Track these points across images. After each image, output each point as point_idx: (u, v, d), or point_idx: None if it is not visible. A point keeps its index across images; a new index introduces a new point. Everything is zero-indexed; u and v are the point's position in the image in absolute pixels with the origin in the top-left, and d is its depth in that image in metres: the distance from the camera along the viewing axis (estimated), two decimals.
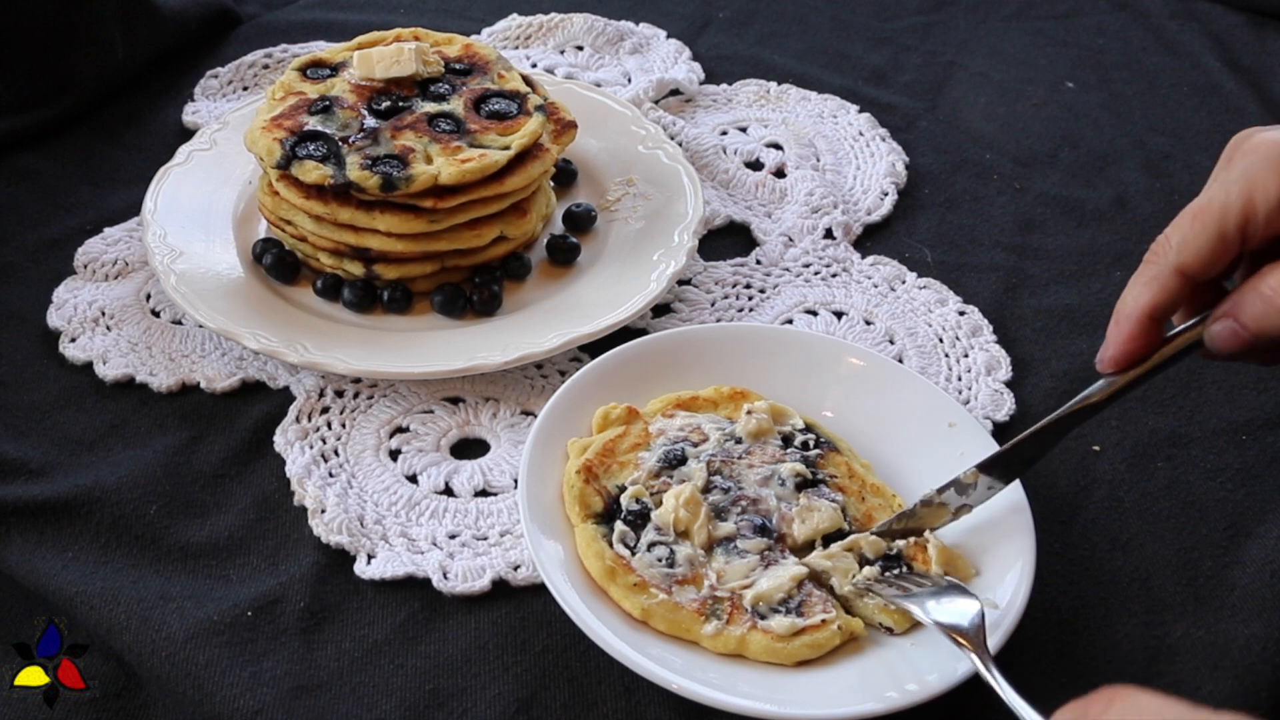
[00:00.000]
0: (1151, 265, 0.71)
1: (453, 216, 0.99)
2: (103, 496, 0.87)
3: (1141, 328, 0.72)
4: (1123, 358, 0.73)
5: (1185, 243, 0.69)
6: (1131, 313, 0.72)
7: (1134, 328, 0.72)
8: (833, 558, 0.81)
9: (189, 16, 1.33)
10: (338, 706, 0.77)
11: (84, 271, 1.06)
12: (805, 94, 1.32)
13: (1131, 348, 0.72)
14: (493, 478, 0.91)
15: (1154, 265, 0.71)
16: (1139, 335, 0.72)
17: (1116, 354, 0.73)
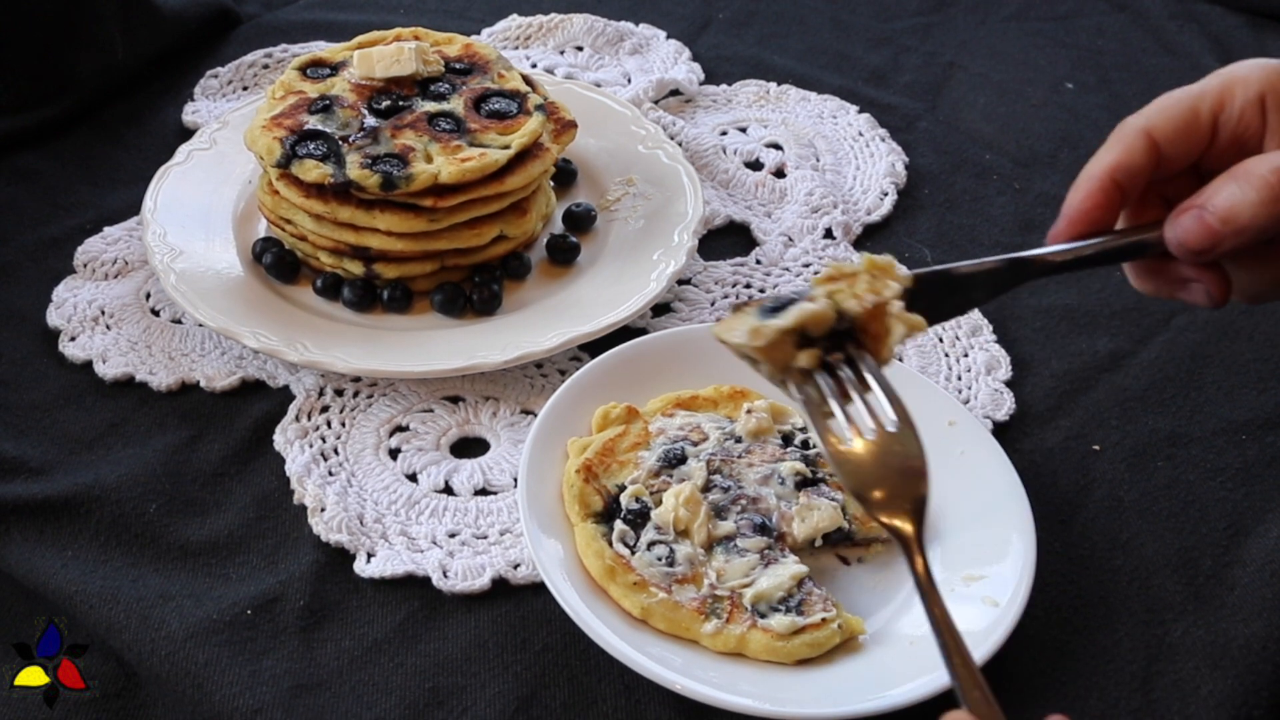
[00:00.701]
0: (1117, 131, 0.67)
1: (453, 216, 0.99)
2: (102, 495, 0.87)
3: (1102, 187, 0.67)
4: (1079, 218, 0.67)
5: (1157, 110, 0.66)
6: (1094, 172, 0.67)
7: (1095, 186, 0.67)
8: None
9: (189, 16, 1.33)
10: (337, 705, 0.77)
11: (84, 270, 1.06)
12: (805, 94, 1.32)
13: (1090, 207, 0.67)
14: (492, 476, 0.91)
15: (1120, 129, 0.67)
16: (1099, 195, 0.67)
17: (1074, 214, 0.68)
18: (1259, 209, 0.60)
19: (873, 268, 0.67)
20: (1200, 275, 0.65)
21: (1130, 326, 1.06)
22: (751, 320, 0.65)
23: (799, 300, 0.66)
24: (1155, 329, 1.06)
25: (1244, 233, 0.61)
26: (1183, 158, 0.66)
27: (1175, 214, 0.64)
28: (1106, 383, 1.01)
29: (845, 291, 0.66)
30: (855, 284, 0.66)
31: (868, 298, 0.66)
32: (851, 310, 0.66)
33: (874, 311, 0.66)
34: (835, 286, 0.66)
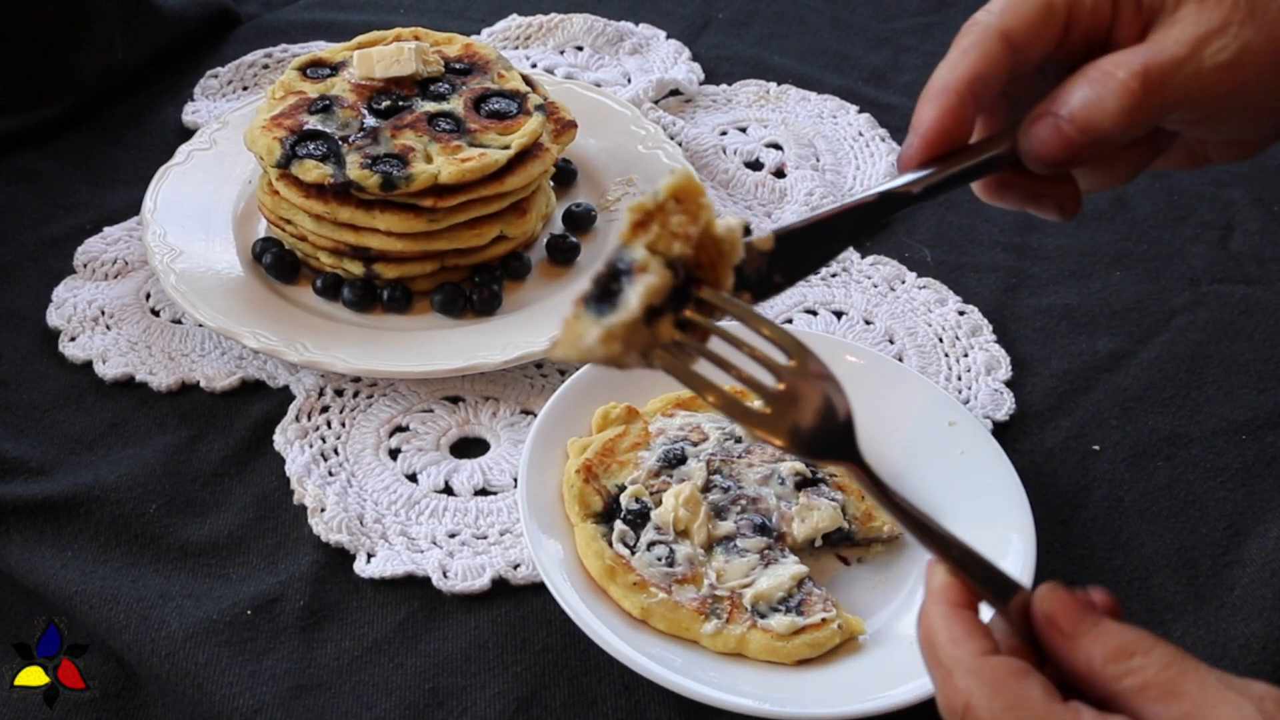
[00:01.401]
0: (970, 33, 0.60)
1: (453, 216, 0.99)
2: (102, 495, 0.87)
3: (960, 100, 0.59)
4: (935, 138, 0.60)
5: (1009, 6, 0.59)
6: (950, 83, 0.59)
7: (952, 100, 0.59)
8: None
9: (189, 16, 1.33)
10: (337, 705, 0.77)
11: (84, 271, 1.06)
12: (805, 94, 1.32)
13: (947, 124, 0.59)
14: (492, 477, 0.91)
15: (973, 31, 0.59)
16: (956, 109, 0.59)
17: (930, 133, 0.59)
18: (1119, 117, 0.56)
19: (677, 193, 0.58)
20: (1052, 188, 0.60)
21: (1130, 326, 1.06)
22: (591, 325, 0.55)
23: (626, 273, 0.56)
24: (1155, 329, 1.06)
25: (1103, 142, 0.57)
26: (1038, 57, 0.60)
27: (1028, 123, 0.58)
28: (1106, 383, 1.01)
29: (663, 234, 0.57)
30: (668, 221, 0.57)
31: (690, 231, 0.57)
32: (683, 255, 0.57)
33: (700, 241, 0.58)
34: (650, 234, 0.56)
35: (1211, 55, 0.56)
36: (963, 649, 0.51)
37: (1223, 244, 1.15)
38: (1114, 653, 0.51)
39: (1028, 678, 0.50)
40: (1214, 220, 1.18)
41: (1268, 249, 1.15)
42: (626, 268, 0.55)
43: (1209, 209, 1.20)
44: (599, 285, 0.56)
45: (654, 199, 0.57)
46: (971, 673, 0.51)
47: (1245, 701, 0.48)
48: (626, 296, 0.54)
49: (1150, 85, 0.56)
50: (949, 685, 0.51)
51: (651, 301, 0.55)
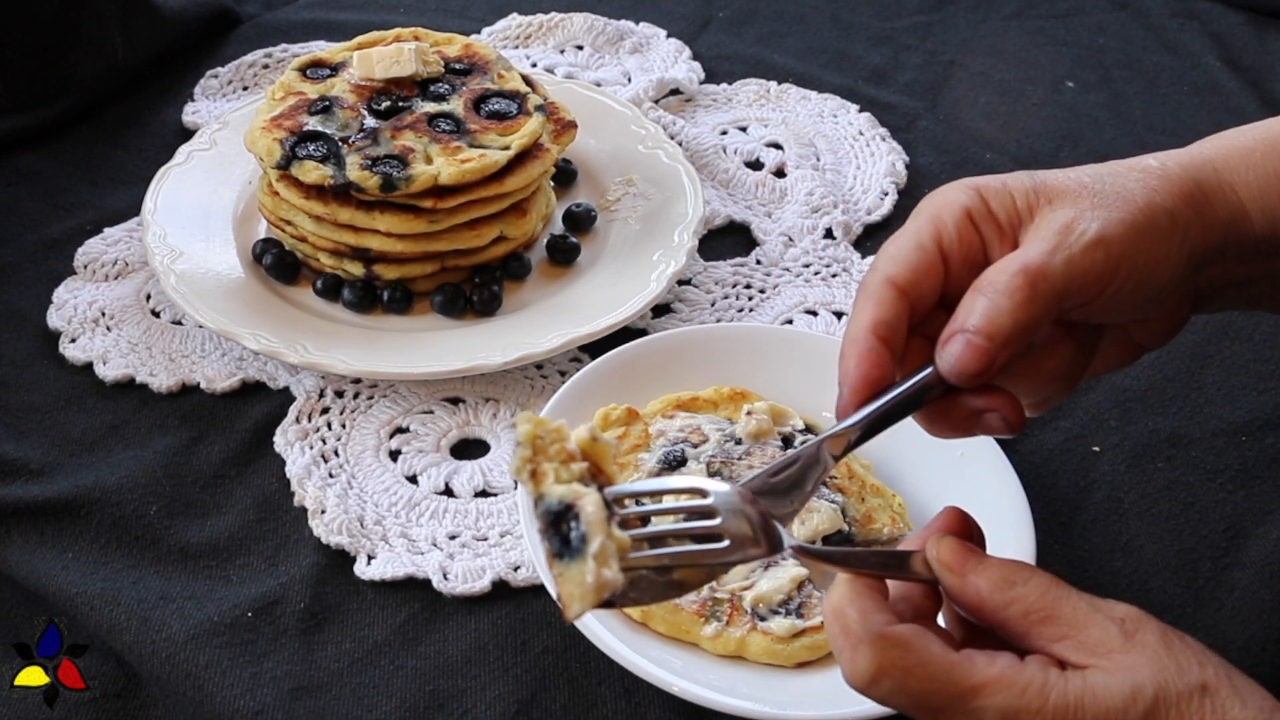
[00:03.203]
0: (864, 289, 0.66)
1: (453, 216, 0.99)
2: (103, 497, 0.87)
3: (871, 348, 0.64)
4: (861, 385, 0.64)
5: (888, 259, 0.65)
6: (857, 336, 0.64)
7: (863, 348, 0.64)
8: None
9: (189, 16, 1.32)
10: (337, 707, 0.77)
11: (84, 272, 1.06)
12: (805, 94, 1.32)
13: (867, 371, 0.64)
14: (493, 478, 0.91)
15: (865, 287, 0.66)
16: (870, 356, 0.64)
17: (854, 383, 0.64)
18: (1016, 313, 0.61)
19: (534, 435, 0.59)
20: (989, 403, 0.63)
21: None
22: (580, 568, 0.56)
23: (563, 514, 0.57)
24: None
25: (1010, 341, 0.61)
26: (930, 294, 0.65)
27: (940, 345, 0.63)
28: (1106, 383, 1.01)
29: (558, 468, 0.59)
30: (548, 456, 0.59)
31: (569, 450, 0.60)
32: (582, 472, 0.59)
33: (584, 454, 0.61)
34: (549, 474, 0.58)
35: (1077, 239, 0.62)
36: (872, 621, 0.57)
37: None
38: (997, 584, 0.58)
39: (927, 637, 0.57)
40: None
41: None
42: (561, 509, 0.57)
43: None
44: (555, 535, 0.57)
45: (522, 454, 0.59)
46: (879, 640, 0.56)
47: (1110, 622, 0.57)
48: (585, 528, 0.56)
49: (1032, 277, 0.61)
50: (857, 655, 0.56)
51: (605, 518, 0.57)
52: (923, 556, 0.61)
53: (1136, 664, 0.55)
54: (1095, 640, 0.56)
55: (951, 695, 0.55)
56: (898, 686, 0.56)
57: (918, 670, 0.56)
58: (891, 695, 0.57)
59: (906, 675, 0.56)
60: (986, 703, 0.55)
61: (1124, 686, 0.54)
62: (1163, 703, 0.54)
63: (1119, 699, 0.54)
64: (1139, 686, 0.55)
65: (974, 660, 0.56)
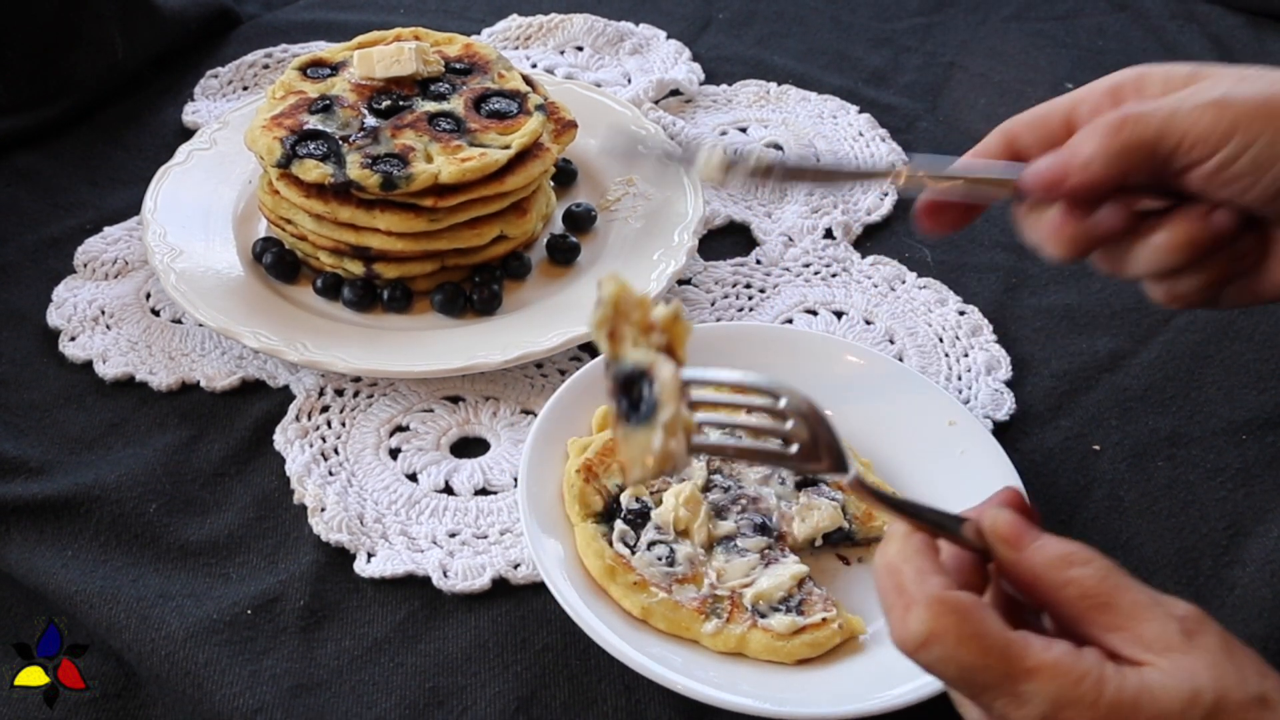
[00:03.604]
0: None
1: (453, 216, 0.99)
2: (102, 495, 0.87)
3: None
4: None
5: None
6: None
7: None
8: None
9: (189, 16, 1.33)
10: (337, 705, 0.77)
11: (84, 270, 1.06)
12: (805, 94, 1.32)
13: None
14: (493, 476, 0.91)
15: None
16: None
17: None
18: (1101, 142, 0.65)
19: (617, 298, 0.59)
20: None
21: (1130, 326, 1.06)
22: (647, 433, 0.56)
23: (637, 377, 0.57)
24: (1155, 329, 1.06)
25: (1089, 165, 0.65)
26: (1034, 145, 0.72)
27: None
28: (1106, 383, 1.01)
29: (637, 334, 0.58)
30: (630, 321, 0.59)
31: (651, 321, 0.59)
32: (660, 344, 0.59)
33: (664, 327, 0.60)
34: (628, 338, 0.58)
35: (1191, 95, 0.65)
36: (929, 583, 0.55)
37: None
38: (1054, 562, 0.56)
39: (985, 609, 0.54)
40: None
41: None
42: (636, 373, 0.57)
43: None
44: (625, 398, 0.57)
45: (604, 311, 0.58)
46: (937, 603, 0.54)
47: (1170, 619, 0.54)
48: (658, 396, 0.56)
49: (1127, 117, 0.65)
50: (910, 615, 0.54)
51: (679, 391, 0.57)
52: (976, 525, 0.59)
53: (1196, 666, 0.52)
54: (1153, 636, 0.53)
55: (1002, 674, 0.53)
56: (948, 655, 0.53)
57: (972, 642, 0.53)
58: (939, 663, 0.54)
59: (960, 645, 0.53)
60: (1038, 688, 0.52)
61: (1183, 688, 0.52)
62: (1222, 710, 0.51)
63: (1177, 701, 0.51)
64: (1198, 690, 0.52)
65: (1030, 642, 0.53)
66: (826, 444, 0.60)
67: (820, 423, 0.60)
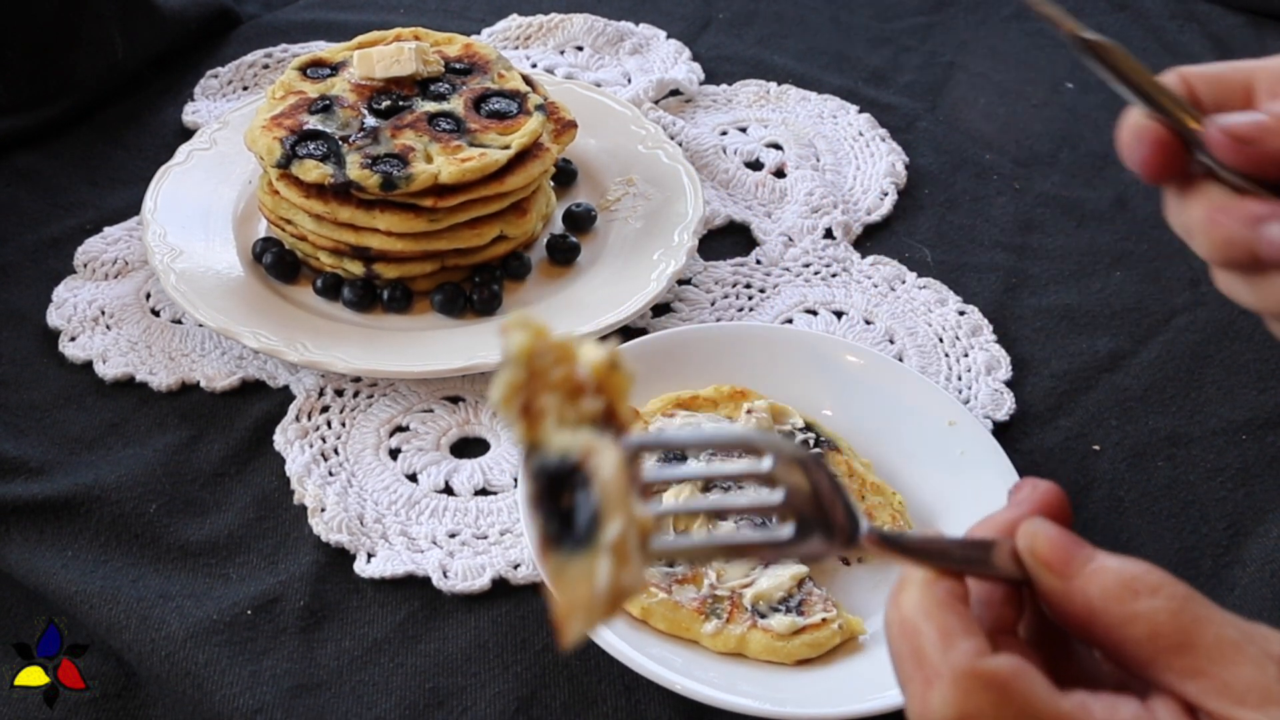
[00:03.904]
0: None
1: (453, 216, 0.99)
2: (102, 495, 0.87)
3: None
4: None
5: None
6: None
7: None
8: None
9: (189, 16, 1.32)
10: (337, 705, 0.77)
11: (84, 271, 1.06)
12: (805, 94, 1.32)
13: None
14: (493, 476, 0.91)
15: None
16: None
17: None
18: None
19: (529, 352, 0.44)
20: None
21: (1130, 326, 1.06)
22: (589, 566, 0.40)
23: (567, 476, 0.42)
24: (1155, 329, 1.06)
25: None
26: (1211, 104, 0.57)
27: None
28: (1106, 383, 1.01)
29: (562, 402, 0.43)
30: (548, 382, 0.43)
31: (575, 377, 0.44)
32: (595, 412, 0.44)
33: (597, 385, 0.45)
34: (547, 412, 0.43)
35: None
36: (958, 650, 0.44)
37: None
38: (1115, 592, 0.45)
39: (1030, 675, 0.43)
40: None
41: None
42: (565, 469, 0.41)
43: None
44: (552, 514, 0.41)
45: (512, 376, 0.43)
46: (967, 678, 0.43)
47: (1266, 661, 0.43)
48: (599, 502, 0.40)
49: None
50: (932, 694, 0.43)
51: (627, 488, 0.40)
52: (1011, 549, 0.47)
53: None
54: (1246, 684, 0.42)
55: None
56: None
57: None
58: None
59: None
60: None
61: None
62: None
63: None
64: None
65: (1090, 712, 0.43)
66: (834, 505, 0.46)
67: (821, 477, 0.46)
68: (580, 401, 0.43)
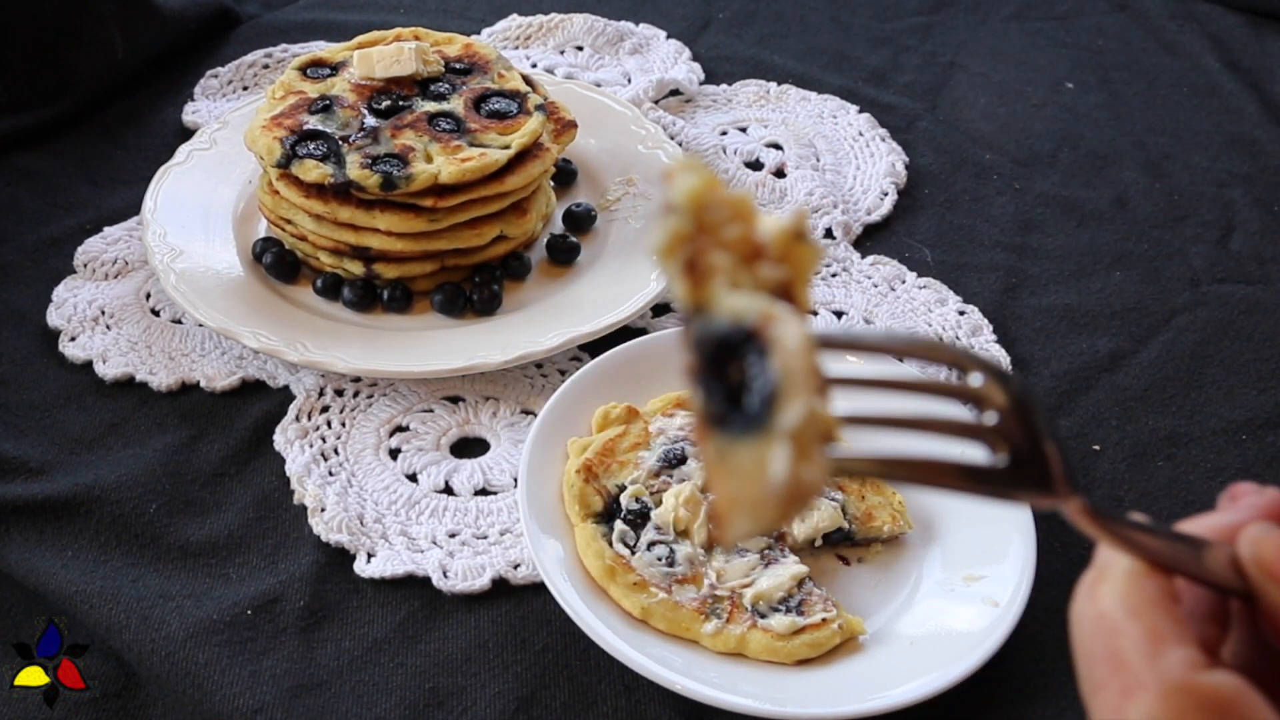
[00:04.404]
0: None
1: (453, 216, 0.99)
2: (102, 495, 0.87)
3: None
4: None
5: None
6: None
7: None
8: None
9: (189, 16, 1.32)
10: (337, 705, 0.77)
11: (84, 271, 1.06)
12: (805, 94, 1.32)
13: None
14: (493, 476, 0.91)
15: None
16: None
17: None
18: None
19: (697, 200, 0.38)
20: None
21: (1130, 326, 1.06)
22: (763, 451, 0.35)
23: (741, 344, 0.36)
24: (1155, 329, 1.06)
25: None
26: None
27: None
28: (1106, 383, 1.01)
29: (735, 263, 0.37)
30: (719, 239, 0.38)
31: (753, 238, 0.38)
32: (775, 279, 0.38)
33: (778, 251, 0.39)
34: (717, 271, 0.37)
35: None
36: (1170, 658, 0.37)
37: (1223, 244, 1.15)
38: None
39: (1256, 705, 0.35)
40: (1214, 220, 1.18)
41: (1268, 249, 1.15)
42: (736, 334, 0.34)
43: (1209, 209, 1.20)
44: (717, 388, 0.34)
45: (678, 225, 0.37)
46: (1180, 693, 0.36)
47: None
48: (778, 378, 0.34)
49: None
50: (1132, 705, 0.37)
51: (814, 368, 0.34)
52: (1228, 554, 0.41)
53: None
54: None
55: None
56: None
57: None
58: None
59: None
60: None
61: None
62: None
63: None
64: None
65: None
66: (1051, 454, 0.40)
67: (1037, 415, 0.40)
68: (757, 267, 0.36)
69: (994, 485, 0.40)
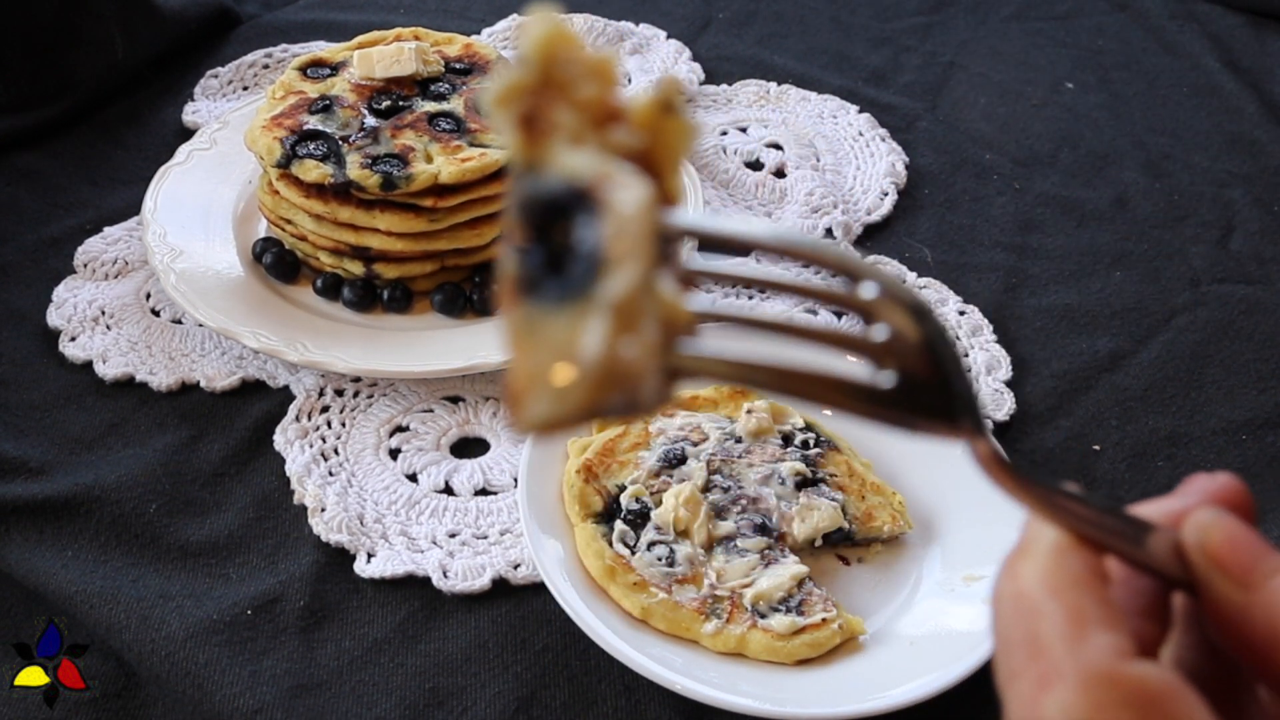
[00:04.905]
0: None
1: (453, 215, 0.99)
2: (102, 495, 0.87)
3: None
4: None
5: None
6: None
7: None
8: None
9: (189, 16, 1.33)
10: (337, 705, 0.77)
11: (84, 271, 1.06)
12: (805, 94, 1.32)
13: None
14: (493, 476, 0.91)
15: None
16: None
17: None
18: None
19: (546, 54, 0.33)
20: None
21: (1130, 326, 1.06)
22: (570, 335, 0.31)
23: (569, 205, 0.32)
24: (1155, 329, 1.06)
25: None
26: None
27: None
28: (1106, 383, 1.01)
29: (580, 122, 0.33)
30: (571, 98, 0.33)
31: (610, 101, 0.34)
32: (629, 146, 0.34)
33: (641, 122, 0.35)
34: (557, 129, 0.33)
35: None
36: (1093, 644, 0.32)
37: (1223, 244, 1.15)
38: None
39: (1188, 700, 0.31)
40: (1214, 220, 1.18)
41: (1268, 249, 1.15)
42: (567, 194, 0.30)
43: (1209, 209, 1.20)
44: (537, 250, 0.30)
45: (520, 75, 0.32)
46: (1101, 683, 0.31)
47: None
48: (604, 241, 0.29)
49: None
50: (1048, 697, 0.32)
51: (652, 239, 0.30)
52: (1172, 539, 0.36)
53: None
54: None
55: None
56: None
57: None
58: None
59: None
60: None
61: None
62: None
63: None
64: None
65: None
66: (953, 376, 0.35)
67: (939, 339, 0.35)
68: (609, 131, 0.32)
69: (881, 407, 0.35)
